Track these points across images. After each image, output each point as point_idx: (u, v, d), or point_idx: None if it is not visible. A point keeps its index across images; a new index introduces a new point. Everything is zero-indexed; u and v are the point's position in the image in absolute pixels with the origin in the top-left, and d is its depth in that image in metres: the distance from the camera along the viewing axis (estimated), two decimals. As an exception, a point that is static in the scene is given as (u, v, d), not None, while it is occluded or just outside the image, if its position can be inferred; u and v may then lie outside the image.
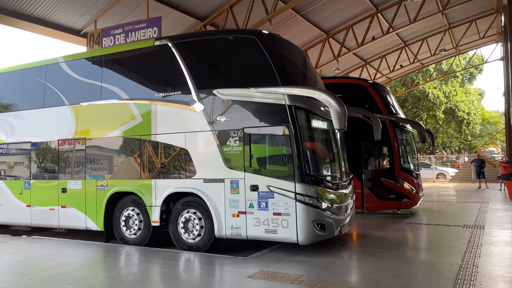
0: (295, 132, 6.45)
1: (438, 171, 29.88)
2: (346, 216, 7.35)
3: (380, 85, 13.14)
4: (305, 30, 18.03)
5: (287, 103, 6.51)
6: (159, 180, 7.63)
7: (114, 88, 8.13)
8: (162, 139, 7.64)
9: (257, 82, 6.83)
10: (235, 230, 6.89)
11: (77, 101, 8.61)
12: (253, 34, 7.18)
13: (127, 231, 7.98)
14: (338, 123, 6.19)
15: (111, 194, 8.05)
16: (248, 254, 6.89)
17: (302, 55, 8.15)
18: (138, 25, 10.70)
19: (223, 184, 6.95)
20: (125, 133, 8.01)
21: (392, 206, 11.71)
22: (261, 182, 6.65)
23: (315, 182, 6.59)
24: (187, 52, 7.53)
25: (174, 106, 7.49)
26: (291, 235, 6.49)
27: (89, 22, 12.63)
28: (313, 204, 6.46)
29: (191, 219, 7.31)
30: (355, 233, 8.99)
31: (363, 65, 25.28)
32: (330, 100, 6.26)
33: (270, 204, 6.59)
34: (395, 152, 11.58)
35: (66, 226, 8.72)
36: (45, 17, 11.86)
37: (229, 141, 6.93)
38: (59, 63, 8.94)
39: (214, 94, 7.12)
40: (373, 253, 7.02)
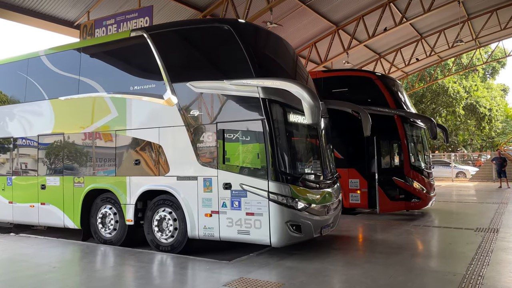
0: (269, 127, 6.06)
1: (458, 169, 28.72)
2: (329, 217, 6.88)
3: (389, 78, 12.39)
4: (312, 21, 17.34)
5: (261, 96, 6.11)
6: (134, 177, 7.29)
7: (91, 82, 7.84)
8: (136, 135, 7.31)
9: (231, 74, 6.46)
10: (208, 230, 6.51)
11: (56, 95, 8.33)
12: (228, 23, 6.76)
13: (103, 229, 7.67)
14: (311, 118, 5.72)
15: (88, 191, 7.76)
16: (239, 255, 6.44)
17: (284, 46, 7.66)
18: (130, 15, 10.31)
19: (196, 182, 6.60)
20: (101, 128, 7.71)
21: (401, 207, 10.98)
22: (234, 180, 6.28)
23: (290, 180, 6.18)
24: (162, 43, 7.19)
25: (148, 99, 7.17)
26: (264, 237, 6.09)
27: (82, 13, 12.29)
28: (287, 204, 6.05)
29: (165, 218, 6.94)
30: (354, 235, 8.37)
31: (377, 58, 24.37)
32: (303, 92, 5.80)
33: (243, 203, 6.21)
34: (404, 149, 10.85)
35: (45, 224, 8.50)
36: (36, 8, 11.56)
37: (203, 137, 6.61)
38: (39, 57, 8.68)
39: (188, 87, 6.75)
40: (369, 259, 6.41)
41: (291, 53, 7.79)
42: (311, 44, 19.45)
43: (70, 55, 8.36)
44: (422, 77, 32.52)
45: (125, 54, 7.81)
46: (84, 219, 7.83)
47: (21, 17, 11.37)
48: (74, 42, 8.60)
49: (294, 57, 7.85)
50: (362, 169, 11.16)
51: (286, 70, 7.35)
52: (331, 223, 7.02)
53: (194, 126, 6.70)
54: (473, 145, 43.88)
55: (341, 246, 7.34)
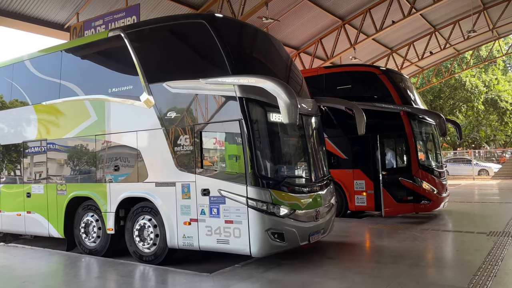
0: (247, 128, 5.63)
1: (480, 167, 27.54)
2: (319, 223, 6.41)
3: (395, 73, 11.71)
4: (316, 16, 16.72)
5: (237, 95, 5.69)
6: (113, 184, 6.94)
7: (71, 85, 7.58)
8: (115, 139, 6.99)
9: (207, 72, 6.05)
10: (187, 239, 6.07)
11: (40, 101, 8.11)
12: (203, 18, 6.36)
13: (87, 239, 7.35)
14: (287, 117, 5.28)
15: (70, 199, 7.47)
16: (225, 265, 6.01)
17: (268, 41, 7.24)
18: (117, 15, 9.98)
19: (175, 188, 6.21)
20: (82, 133, 7.41)
21: (409, 209, 10.30)
22: (212, 186, 5.86)
23: (271, 185, 5.73)
24: (139, 42, 6.88)
25: (126, 102, 6.85)
26: (244, 246, 5.62)
27: (72, 14, 12.02)
28: (268, 210, 5.59)
29: (145, 226, 6.56)
30: (354, 242, 7.77)
31: (389, 53, 23.52)
32: (278, 89, 5.36)
33: (221, 210, 5.78)
34: (412, 147, 10.17)
35: (32, 233, 8.27)
36: (22, 11, 11.32)
37: (180, 140, 6.20)
38: (23, 62, 8.47)
39: (165, 87, 6.37)
40: (363, 269, 5.84)
41: (277, 49, 7.31)
42: (316, 41, 18.83)
43: (51, 58, 8.10)
44: (438, 72, 31.34)
45: (104, 55, 7.56)
46: (68, 228, 7.55)
47: (8, 21, 11.16)
48: (55, 45, 8.32)
49: (280, 54, 7.37)
50: (368, 170, 10.55)
51: (268, 67, 6.83)
52: (322, 229, 6.55)
53: (171, 129, 6.33)
54: (497, 141, 42.18)
55: (335, 254, 6.77)
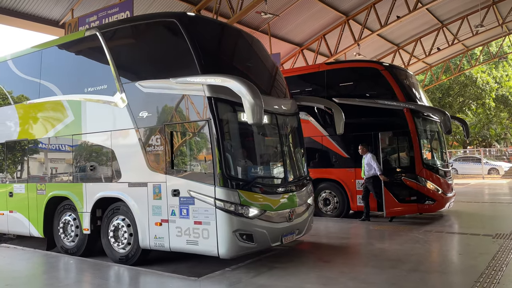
0: (216, 128, 5.56)
1: (490, 165, 26.96)
2: (293, 224, 6.33)
3: (398, 68, 11.35)
4: (319, 12, 16.38)
5: (206, 94, 5.63)
6: (89, 184, 6.92)
7: (51, 85, 7.57)
8: (90, 139, 6.99)
9: (177, 71, 5.98)
10: (158, 240, 6.02)
11: (21, 100, 8.14)
12: (175, 17, 6.24)
13: (65, 238, 7.30)
14: (252, 117, 5.18)
15: (49, 198, 7.42)
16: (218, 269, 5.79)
17: (243, 40, 7.14)
18: (111, 10, 9.80)
19: (146, 188, 6.14)
20: (60, 133, 7.40)
21: (412, 209, 9.94)
22: (182, 186, 5.82)
23: (239, 185, 5.67)
24: (113, 41, 6.86)
25: (100, 101, 6.82)
26: (212, 248, 5.57)
27: (66, 11, 11.83)
28: (236, 211, 5.53)
29: (119, 226, 6.51)
30: (352, 244, 7.47)
31: (395, 50, 23.06)
32: (242, 89, 5.27)
33: (191, 211, 5.72)
34: (416, 145, 9.79)
35: (14, 232, 8.28)
36: (17, 7, 11.16)
37: (151, 140, 6.16)
38: (6, 61, 8.43)
39: (137, 87, 6.33)
40: (358, 274, 5.54)
41: (254, 49, 7.19)
42: (320, 37, 18.48)
43: (32, 58, 8.07)
44: (447, 68, 30.74)
45: (81, 54, 7.48)
46: (47, 227, 7.50)
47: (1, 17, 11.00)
48: (35, 45, 8.24)
49: (258, 53, 7.25)
50: (370, 169, 10.20)
51: (240, 67, 6.67)
52: (297, 230, 6.47)
53: (143, 129, 6.29)
54: (507, 139, 41.37)
55: (332, 257, 6.47)
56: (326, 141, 10.75)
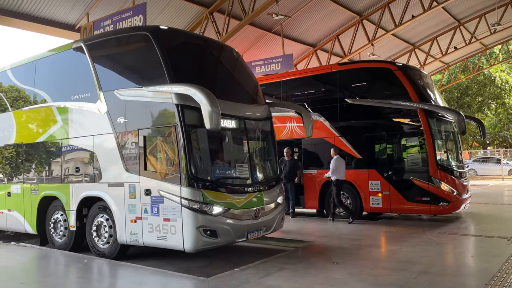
0: (182, 133, 6.05)
1: (510, 166, 26.35)
2: (260, 221, 6.76)
3: (411, 68, 11.23)
4: (332, 12, 16.30)
5: (174, 101, 6.12)
6: (75, 184, 7.56)
7: (43, 93, 8.25)
8: (76, 143, 7.61)
9: (149, 81, 6.51)
10: (133, 236, 6.55)
11: (18, 107, 8.83)
12: (147, 31, 6.85)
13: (55, 234, 7.93)
14: (209, 123, 5.66)
15: (41, 198, 8.08)
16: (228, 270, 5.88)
17: (214, 51, 7.73)
18: (124, 14, 9.97)
19: (123, 188, 6.70)
20: (50, 137, 8.05)
21: (425, 210, 9.85)
22: (153, 186, 6.34)
23: (203, 185, 6.13)
24: (95, 53, 7.44)
25: (84, 108, 7.42)
26: (179, 242, 6.06)
27: (82, 15, 12.07)
28: (199, 209, 6.00)
29: (101, 224, 7.08)
30: (363, 245, 7.42)
31: (411, 49, 22.77)
32: (200, 96, 5.75)
33: (161, 209, 6.22)
34: (429, 146, 9.68)
35: (12, 229, 8.92)
36: (33, 12, 11.44)
37: (127, 144, 6.72)
38: (6, 71, 9.16)
39: (115, 95, 6.90)
40: (366, 276, 5.51)
41: (225, 58, 7.72)
42: (333, 37, 18.39)
43: (27, 68, 8.68)
44: (465, 68, 30.17)
45: (69, 64, 8.00)
46: (40, 224, 8.11)
47: (20, 22, 11.31)
48: (31, 56, 8.86)
49: (229, 62, 7.75)
50: (383, 170, 10.14)
51: (207, 76, 7.14)
52: (265, 227, 6.90)
53: (120, 133, 6.82)
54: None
55: (342, 259, 6.45)
56: (338, 142, 10.71)
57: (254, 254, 7.20)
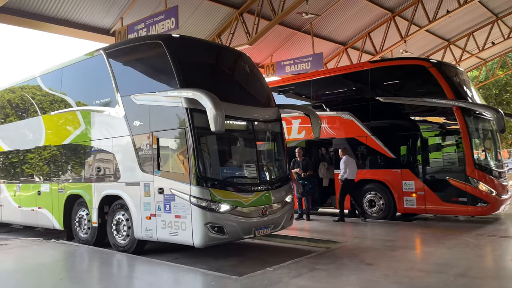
0: (191, 135, 6.41)
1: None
2: (267, 219, 7.02)
3: (447, 65, 10.91)
4: (363, 9, 16.03)
5: (183, 105, 6.49)
6: (96, 183, 8.04)
7: (68, 98, 8.81)
8: (97, 145, 8.11)
9: (162, 86, 6.92)
10: (148, 232, 6.95)
11: (46, 112, 9.42)
12: (160, 39, 7.28)
13: (79, 230, 8.43)
14: (214, 125, 5.97)
15: (67, 196, 8.61)
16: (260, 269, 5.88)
17: (224, 56, 8.09)
18: (157, 18, 10.19)
19: (139, 187, 7.10)
20: (74, 140, 8.59)
21: (463, 211, 9.55)
22: (165, 185, 6.72)
23: (212, 184, 6.46)
24: (114, 60, 7.90)
25: (104, 112, 7.91)
26: (189, 238, 6.42)
27: (116, 19, 12.38)
28: (207, 207, 6.34)
29: (120, 221, 7.52)
30: (397, 247, 7.25)
31: (446, 45, 22.08)
32: (205, 101, 6.08)
33: (172, 206, 6.60)
34: (466, 145, 9.37)
35: (42, 225, 9.53)
36: (69, 17, 11.84)
37: (142, 145, 7.12)
38: (35, 78, 9.77)
39: (131, 99, 7.32)
40: (401, 278, 5.38)
41: (234, 63, 8.02)
42: (364, 35, 18.09)
43: (55, 75, 9.26)
44: (503, 63, 28.96)
45: (91, 71, 8.48)
46: (67, 221, 8.68)
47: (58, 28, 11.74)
48: (58, 63, 9.36)
49: (239, 66, 8.05)
50: (418, 169, 9.91)
51: (216, 81, 7.45)
52: (272, 225, 7.13)
53: (136, 136, 7.24)
54: None
55: (375, 260, 6.33)
56: (370, 141, 10.55)
57: (285, 254, 7.20)
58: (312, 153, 12.09)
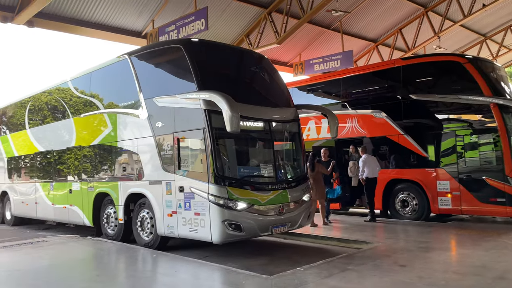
0: (209, 135, 6.63)
1: None
2: (284, 217, 7.16)
3: (483, 60, 10.54)
4: (394, 5, 15.69)
5: (202, 107, 6.71)
6: (122, 182, 8.43)
7: (96, 101, 9.24)
8: (123, 145, 8.48)
9: (182, 88, 7.11)
10: (170, 228, 7.22)
11: (76, 114, 9.92)
12: (180, 43, 7.53)
13: (107, 227, 8.85)
14: (229, 126, 6.20)
15: (96, 194, 9.03)
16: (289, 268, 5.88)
17: (241, 58, 8.29)
18: (187, 19, 10.33)
19: (161, 185, 7.39)
20: (102, 141, 9.01)
21: (501, 212, 9.20)
22: (186, 184, 6.96)
23: (229, 183, 6.67)
24: (138, 64, 8.22)
25: (129, 114, 8.27)
26: (207, 234, 6.64)
27: (148, 22, 12.63)
28: (224, 204, 6.54)
29: (144, 218, 7.84)
30: (431, 248, 7.06)
31: (482, 40, 21.30)
32: (221, 103, 6.30)
33: (192, 204, 6.84)
34: (505, 143, 9.04)
35: (73, 222, 10.05)
36: (103, 21, 12.18)
37: (164, 145, 7.38)
38: (67, 82, 10.29)
39: (154, 102, 7.59)
40: (437, 280, 5.24)
41: (252, 65, 8.18)
42: (396, 31, 17.70)
43: (84, 79, 9.73)
44: (545, 57, 27.64)
45: (117, 75, 8.86)
46: (96, 218, 9.10)
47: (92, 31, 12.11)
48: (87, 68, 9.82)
49: (257, 68, 8.14)
50: (453, 169, 9.61)
51: (233, 83, 7.66)
52: (289, 223, 7.26)
53: (158, 137, 7.53)
54: None
55: (409, 262, 6.19)
56: (403, 140, 10.32)
57: (315, 254, 7.17)
58: (342, 152, 11.96)
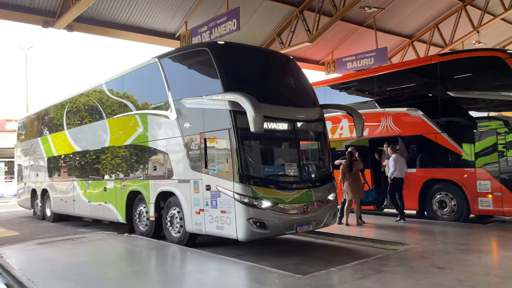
0: (235, 135, 6.80)
1: None
2: (308, 216, 7.24)
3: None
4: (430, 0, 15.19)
5: (227, 108, 6.87)
6: (153, 180, 8.77)
7: (129, 103, 9.61)
8: (153, 145, 8.79)
9: (209, 90, 7.27)
10: (198, 226, 7.45)
11: (110, 115, 10.31)
12: (207, 46, 7.78)
13: (139, 224, 9.24)
14: (253, 126, 6.34)
15: (128, 192, 9.42)
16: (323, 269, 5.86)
17: (266, 59, 8.36)
18: (219, 20, 10.42)
19: (189, 184, 7.62)
20: (134, 141, 9.39)
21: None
22: (212, 183, 7.15)
23: (254, 182, 6.80)
24: (167, 67, 8.48)
25: (159, 115, 8.53)
26: (233, 232, 6.81)
27: (181, 24, 12.84)
28: (249, 203, 6.69)
29: (174, 215, 8.12)
30: (471, 250, 6.81)
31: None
32: (245, 104, 6.45)
33: (218, 202, 7.02)
34: (549, 142, 8.60)
35: (107, 219, 10.56)
36: (138, 23, 12.50)
37: (192, 145, 7.61)
38: (101, 85, 10.72)
39: (182, 103, 7.86)
40: (477, 283, 5.06)
41: (277, 66, 8.35)
42: (432, 26, 17.18)
43: (117, 81, 10.13)
44: None
45: (147, 78, 9.14)
46: (128, 215, 9.50)
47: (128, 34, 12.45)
48: (120, 71, 10.15)
49: (282, 69, 8.30)
50: (494, 168, 9.24)
51: (259, 84, 7.79)
52: (314, 222, 7.35)
53: (186, 137, 7.78)
54: None
55: (447, 264, 6.00)
56: (440, 139, 10.01)
57: (350, 254, 7.09)
58: (377, 151, 11.74)
